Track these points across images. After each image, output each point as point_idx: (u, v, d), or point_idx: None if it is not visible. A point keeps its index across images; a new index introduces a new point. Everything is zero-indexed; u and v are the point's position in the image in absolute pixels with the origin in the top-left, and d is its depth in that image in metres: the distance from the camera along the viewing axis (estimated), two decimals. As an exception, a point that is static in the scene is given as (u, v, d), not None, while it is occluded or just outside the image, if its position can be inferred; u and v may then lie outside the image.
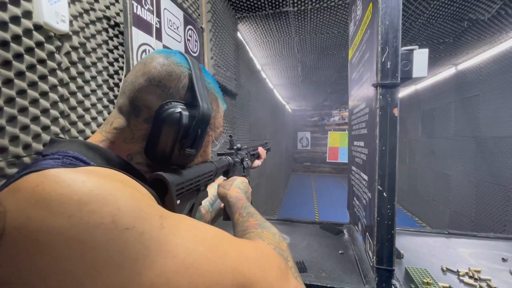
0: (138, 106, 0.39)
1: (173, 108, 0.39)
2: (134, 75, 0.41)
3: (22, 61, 0.66)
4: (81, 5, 0.83)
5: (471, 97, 3.18)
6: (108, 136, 0.40)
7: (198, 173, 0.47)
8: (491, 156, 2.82)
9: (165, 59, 0.41)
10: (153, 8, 1.00)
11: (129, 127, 0.40)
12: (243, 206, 0.56)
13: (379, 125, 0.69)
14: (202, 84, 0.43)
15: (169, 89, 0.40)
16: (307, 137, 9.46)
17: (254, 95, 3.07)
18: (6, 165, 0.62)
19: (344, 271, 0.85)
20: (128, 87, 0.41)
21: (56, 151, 0.34)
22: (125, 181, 0.30)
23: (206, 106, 0.41)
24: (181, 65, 0.42)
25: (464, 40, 2.65)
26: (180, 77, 0.41)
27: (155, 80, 0.40)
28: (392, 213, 0.69)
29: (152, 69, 0.40)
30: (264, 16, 2.14)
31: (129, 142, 0.40)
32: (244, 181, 0.69)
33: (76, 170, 0.28)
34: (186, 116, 0.39)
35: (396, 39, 0.66)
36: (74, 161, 0.32)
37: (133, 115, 0.40)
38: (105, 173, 0.30)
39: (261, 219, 0.49)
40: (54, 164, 0.29)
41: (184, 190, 0.42)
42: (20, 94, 0.65)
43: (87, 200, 0.24)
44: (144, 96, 0.39)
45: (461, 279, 0.80)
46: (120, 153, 0.39)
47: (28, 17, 0.67)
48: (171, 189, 0.37)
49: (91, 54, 0.87)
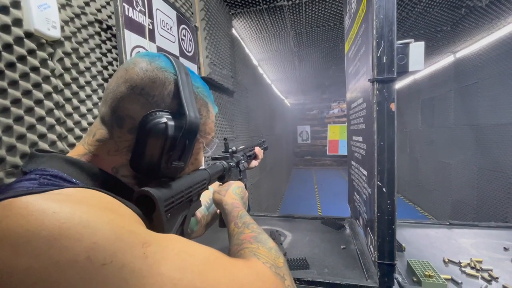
0: (120, 116, 0.37)
1: (158, 119, 0.36)
2: (116, 82, 0.38)
3: (15, 70, 0.65)
4: (71, 10, 0.82)
5: (470, 85, 3.16)
6: (90, 149, 0.38)
7: (189, 184, 0.44)
8: (492, 144, 2.81)
9: (148, 64, 0.39)
10: (144, 9, 0.99)
11: (113, 139, 0.37)
12: (239, 215, 0.53)
13: (377, 121, 0.68)
14: (189, 90, 0.40)
15: (153, 97, 0.38)
16: (307, 131, 9.45)
17: (251, 92, 3.05)
18: (5, 175, 0.62)
19: (346, 266, 0.85)
20: (109, 96, 0.38)
21: (35, 168, 0.33)
22: (104, 205, 0.29)
23: (193, 114, 0.39)
24: (165, 70, 0.39)
25: (462, 27, 2.62)
26: (164, 83, 0.38)
27: (137, 88, 0.37)
28: (392, 208, 0.69)
29: (134, 76, 0.37)
30: (258, 11, 2.11)
31: (113, 154, 0.38)
32: (240, 185, 0.67)
33: (48, 197, 0.26)
34: (172, 127, 0.36)
35: (391, 33, 0.65)
36: (52, 180, 0.31)
37: (116, 126, 0.37)
38: (82, 197, 0.28)
39: (257, 230, 0.47)
40: (30, 187, 0.28)
41: (175, 204, 0.39)
42: (14, 103, 0.65)
43: (58, 235, 0.22)
44: (127, 106, 0.37)
45: (463, 270, 0.80)
46: (105, 166, 0.37)
47: (18, 25, 0.66)
48: (159, 206, 0.35)
49: (85, 59, 0.86)
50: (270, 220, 1.29)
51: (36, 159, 0.35)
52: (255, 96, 3.26)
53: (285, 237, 1.10)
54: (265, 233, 0.48)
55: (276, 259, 0.39)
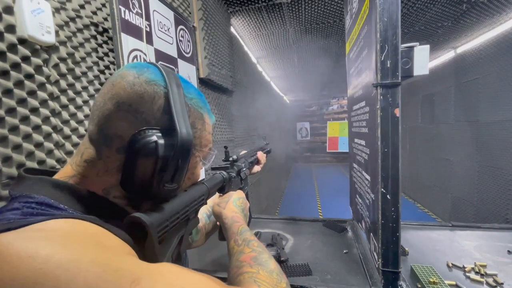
0: (108, 135, 0.35)
1: (147, 138, 0.34)
2: (102, 98, 0.36)
3: (9, 78, 0.63)
4: (66, 14, 0.80)
5: (471, 81, 3.14)
6: (79, 170, 0.36)
7: (185, 203, 0.41)
8: (492, 140, 2.81)
9: (135, 77, 0.36)
10: (141, 11, 0.97)
11: (101, 159, 0.35)
12: (239, 230, 0.52)
13: (381, 126, 0.67)
14: (180, 103, 0.37)
15: (141, 114, 0.35)
16: (306, 128, 9.43)
17: (251, 90, 3.03)
18: (1, 187, 0.61)
19: (349, 271, 0.84)
20: (96, 113, 0.36)
21: (21, 193, 0.31)
22: (90, 239, 0.27)
23: (186, 131, 0.36)
24: (155, 83, 0.36)
25: (463, 23, 2.60)
26: (154, 98, 0.36)
27: (124, 104, 0.34)
28: (396, 215, 0.68)
29: (120, 91, 0.35)
30: (257, 9, 2.08)
31: (102, 175, 0.35)
32: (240, 196, 0.65)
33: (27, 236, 0.24)
34: (163, 146, 0.34)
35: (395, 37, 0.63)
36: (37, 209, 0.29)
37: (104, 145, 0.35)
38: (64, 232, 0.26)
39: (258, 249, 0.46)
40: (11, 218, 0.27)
41: (169, 228, 0.37)
42: (9, 112, 0.63)
43: (32, 284, 0.20)
44: (114, 124, 0.34)
45: (467, 275, 0.80)
46: (95, 188, 0.35)
47: (11, 31, 0.64)
48: (151, 233, 0.32)
49: (81, 64, 0.84)
50: (271, 223, 1.28)
51: (22, 182, 0.33)
52: (254, 94, 3.23)
53: (286, 241, 1.09)
54: (266, 252, 0.46)
55: (278, 284, 0.37)
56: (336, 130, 8.89)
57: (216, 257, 0.99)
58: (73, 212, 0.32)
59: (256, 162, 0.88)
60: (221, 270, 0.90)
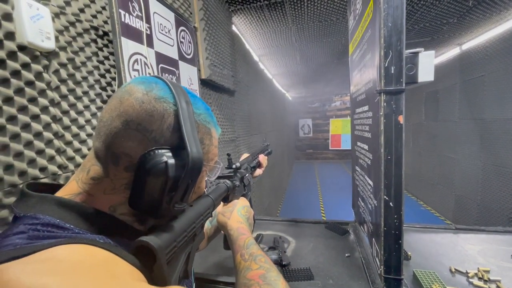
0: (116, 154, 0.34)
1: (157, 158, 0.33)
2: (110, 114, 0.35)
3: (9, 86, 0.63)
4: (66, 18, 0.79)
5: (476, 78, 3.09)
6: (85, 188, 0.35)
7: (193, 220, 0.41)
8: (497, 139, 2.77)
9: (144, 94, 0.35)
10: (141, 14, 0.95)
11: (108, 177, 0.35)
12: (245, 244, 0.51)
13: (384, 133, 0.66)
14: (190, 121, 0.37)
15: (151, 133, 0.34)
16: (308, 124, 9.39)
17: (252, 88, 3.01)
18: (3, 195, 0.61)
19: (351, 276, 0.84)
20: (103, 130, 0.35)
21: (25, 212, 0.31)
22: (99, 269, 0.27)
23: (196, 150, 0.35)
24: (164, 100, 0.36)
25: (469, 19, 2.55)
26: (163, 116, 0.35)
27: (133, 122, 0.34)
28: (399, 222, 0.67)
29: (129, 109, 0.34)
30: (259, 7, 2.06)
31: (109, 193, 0.35)
32: (245, 205, 0.65)
33: (35, 269, 0.24)
34: (173, 166, 0.34)
35: (400, 42, 0.61)
36: (43, 231, 0.29)
37: (111, 164, 0.35)
38: (73, 264, 0.26)
39: (266, 266, 0.45)
40: (18, 244, 0.27)
41: (177, 249, 0.36)
42: (10, 120, 0.63)
43: None
44: (123, 143, 0.34)
45: (470, 281, 0.79)
46: (101, 206, 0.35)
47: (11, 39, 0.64)
48: (160, 258, 0.32)
49: (81, 69, 0.84)
50: (273, 225, 1.28)
51: (26, 199, 0.33)
52: (256, 92, 3.21)
53: (288, 243, 1.09)
54: (274, 268, 0.45)
55: None
56: (339, 127, 8.84)
57: (218, 261, 1.00)
58: (79, 232, 0.32)
59: (258, 165, 0.87)
60: (223, 273, 0.90)
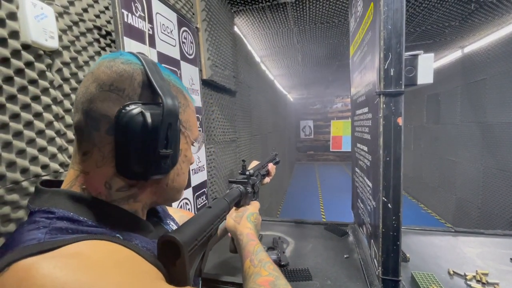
0: (95, 117, 0.35)
1: (133, 110, 0.34)
2: (84, 86, 0.37)
3: (13, 84, 0.64)
4: (69, 18, 0.80)
5: (478, 81, 3.08)
6: (80, 168, 0.36)
7: (211, 220, 0.43)
8: (499, 142, 2.76)
9: (111, 61, 0.37)
10: (144, 14, 0.96)
11: (95, 146, 0.35)
12: (254, 250, 0.52)
13: (383, 135, 0.66)
14: (160, 77, 0.38)
15: (123, 91, 0.36)
16: (309, 126, 9.39)
17: (254, 89, 3.02)
18: (5, 192, 0.62)
19: (349, 277, 0.84)
20: (79, 102, 0.36)
21: (40, 207, 0.32)
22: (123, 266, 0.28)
23: (170, 98, 0.37)
24: (130, 62, 0.37)
25: (471, 22, 2.55)
26: (132, 75, 0.37)
27: (105, 84, 0.35)
28: (397, 224, 0.68)
29: (101, 74, 0.36)
30: (261, 9, 2.07)
31: (101, 165, 0.36)
32: (254, 212, 0.66)
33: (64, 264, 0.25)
34: (150, 115, 0.35)
35: (399, 45, 0.62)
36: (62, 224, 0.30)
37: (93, 130, 0.35)
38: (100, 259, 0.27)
39: (275, 273, 0.46)
40: (41, 238, 0.28)
41: (197, 247, 0.37)
42: (13, 118, 0.64)
43: None
44: (99, 105, 0.35)
45: (468, 283, 0.79)
46: (98, 185, 0.36)
47: (15, 37, 0.64)
48: (184, 253, 0.33)
49: (84, 68, 0.85)
50: (273, 225, 1.29)
51: (40, 195, 0.35)
52: (257, 93, 3.22)
53: (287, 244, 1.09)
54: (283, 276, 0.46)
55: None
56: (340, 129, 8.84)
57: (219, 261, 1.00)
58: (92, 224, 0.33)
59: (267, 174, 0.89)
60: (223, 273, 0.91)
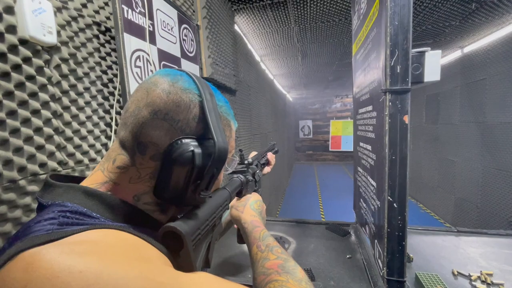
0: (143, 143, 0.35)
1: (184, 147, 0.34)
2: (136, 105, 0.35)
3: (10, 80, 0.62)
4: (68, 13, 0.78)
5: (478, 81, 3.09)
6: (111, 177, 0.35)
7: (213, 210, 0.42)
8: (498, 142, 2.77)
9: (170, 85, 0.36)
10: (144, 10, 0.95)
11: (134, 166, 0.35)
12: (260, 236, 0.51)
13: (389, 133, 0.65)
14: (215, 113, 0.37)
15: (177, 122, 0.35)
16: (308, 126, 9.38)
17: (254, 88, 3.01)
18: (2, 191, 0.60)
19: (352, 278, 0.83)
20: (130, 120, 0.35)
21: (52, 201, 0.31)
22: (131, 251, 0.28)
23: (222, 140, 0.36)
24: (189, 91, 0.36)
25: (471, 22, 2.54)
26: (189, 107, 0.36)
27: (161, 112, 0.34)
28: (403, 224, 0.67)
29: (156, 100, 0.35)
30: (261, 7, 2.05)
31: (135, 182, 0.35)
32: (257, 199, 0.65)
33: (72, 250, 0.24)
34: (200, 155, 0.34)
35: (406, 41, 0.61)
36: (72, 218, 0.29)
37: (138, 152, 0.35)
38: (106, 245, 0.27)
39: (283, 256, 0.45)
40: (49, 229, 0.27)
41: (201, 236, 0.37)
42: (10, 115, 0.62)
43: None
44: (150, 132, 0.34)
45: (473, 284, 0.78)
46: (126, 195, 0.35)
47: (12, 32, 0.63)
48: (187, 243, 0.33)
49: (83, 64, 0.83)
50: (274, 225, 1.28)
51: (52, 189, 0.33)
52: (257, 93, 3.21)
53: (289, 244, 1.08)
54: (292, 259, 0.45)
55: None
56: (339, 129, 8.84)
57: (219, 261, 0.99)
58: (105, 221, 0.32)
59: (266, 163, 0.88)
60: (223, 274, 0.89)
